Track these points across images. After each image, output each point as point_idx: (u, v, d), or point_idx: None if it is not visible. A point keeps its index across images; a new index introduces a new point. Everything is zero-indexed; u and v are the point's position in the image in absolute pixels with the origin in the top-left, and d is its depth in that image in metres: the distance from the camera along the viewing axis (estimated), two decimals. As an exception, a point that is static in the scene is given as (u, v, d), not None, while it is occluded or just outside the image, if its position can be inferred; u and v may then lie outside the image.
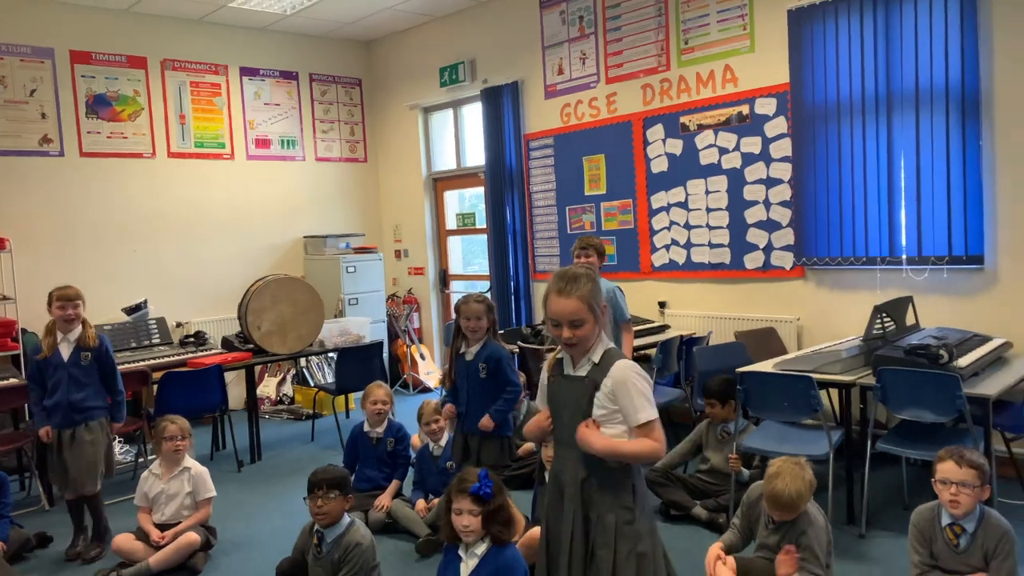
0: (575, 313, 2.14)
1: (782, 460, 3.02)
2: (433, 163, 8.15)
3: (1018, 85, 4.28)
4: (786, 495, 2.90)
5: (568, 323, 2.15)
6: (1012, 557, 2.71)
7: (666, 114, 5.88)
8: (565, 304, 2.15)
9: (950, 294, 4.59)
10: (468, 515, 2.65)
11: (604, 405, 2.14)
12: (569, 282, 2.16)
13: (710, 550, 3.09)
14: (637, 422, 2.11)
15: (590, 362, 2.19)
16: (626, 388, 2.12)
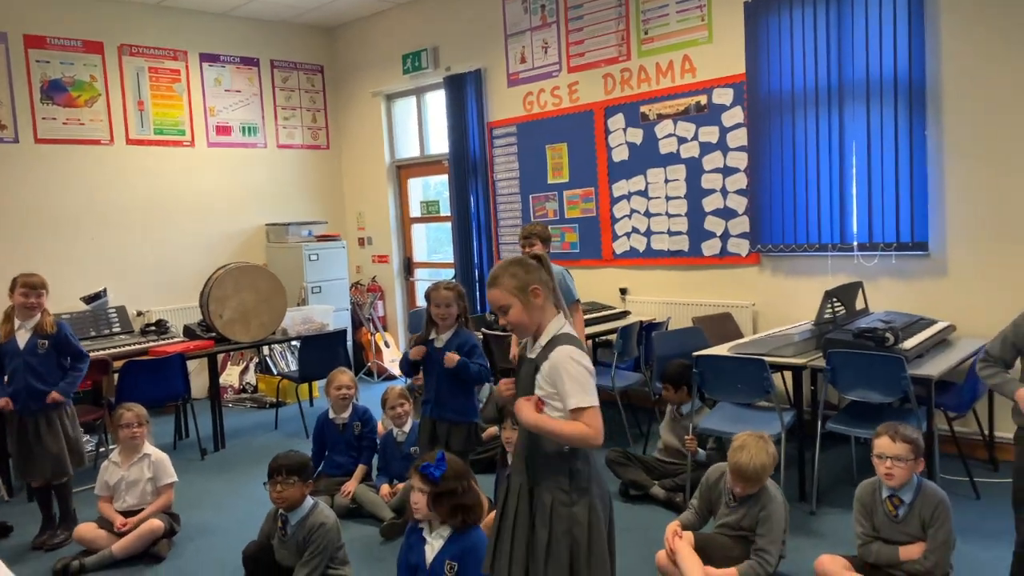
0: (499, 300, 2.26)
1: (746, 434, 3.15)
2: (396, 150, 8.15)
3: (961, 78, 4.43)
4: (751, 467, 3.04)
5: (499, 309, 2.28)
6: (946, 526, 2.86)
7: (627, 103, 5.97)
8: (491, 294, 2.28)
9: (898, 279, 4.76)
10: (417, 492, 2.73)
11: (543, 387, 2.19)
12: (495, 274, 2.29)
13: (668, 527, 3.19)
14: (569, 407, 2.12)
15: (539, 345, 2.26)
16: (559, 373, 2.14)
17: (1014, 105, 4.28)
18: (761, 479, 3.09)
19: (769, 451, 3.09)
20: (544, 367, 2.17)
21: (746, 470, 3.05)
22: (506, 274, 2.25)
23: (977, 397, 4.06)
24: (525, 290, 2.22)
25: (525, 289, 2.22)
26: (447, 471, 2.72)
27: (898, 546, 2.90)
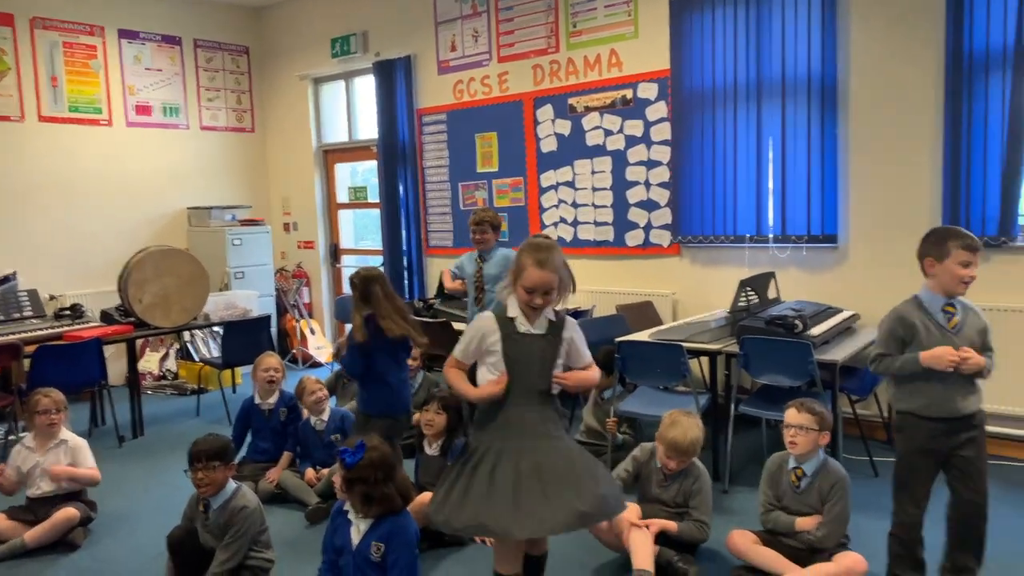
0: (551, 283, 2.44)
1: (676, 412, 3.31)
2: (324, 135, 8.06)
3: (869, 79, 4.69)
4: (686, 441, 3.21)
5: (543, 292, 2.43)
6: (843, 501, 3.05)
7: (555, 95, 6.07)
8: (543, 276, 2.43)
9: (808, 270, 5.00)
10: (337, 475, 2.77)
11: (562, 356, 2.54)
12: (547, 259, 2.43)
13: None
14: (588, 360, 2.61)
15: (546, 320, 2.51)
16: (577, 338, 2.58)
17: (910, 105, 4.54)
18: (695, 451, 3.26)
19: (699, 425, 3.29)
20: (566, 338, 2.53)
21: (681, 444, 3.22)
22: (557, 259, 2.45)
23: (878, 381, 4.32)
24: (565, 276, 2.50)
25: (566, 272, 2.50)
26: (363, 459, 2.72)
27: (795, 517, 3.08)
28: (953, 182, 4.38)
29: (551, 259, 2.43)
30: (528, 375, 2.50)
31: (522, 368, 2.50)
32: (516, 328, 2.50)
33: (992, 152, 4.27)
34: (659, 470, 3.35)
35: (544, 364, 2.50)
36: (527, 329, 2.50)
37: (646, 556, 3.05)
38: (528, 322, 2.50)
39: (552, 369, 2.51)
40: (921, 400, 2.77)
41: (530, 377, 2.50)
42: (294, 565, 3.40)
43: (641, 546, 3.09)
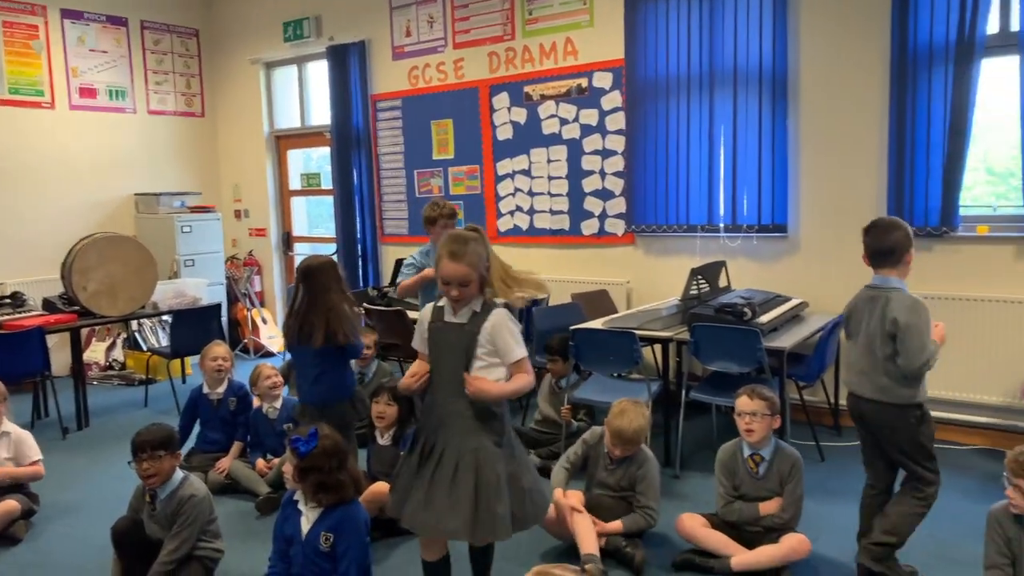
0: (465, 276, 2.40)
1: (624, 400, 3.34)
2: (276, 120, 7.92)
3: (819, 72, 4.77)
4: (631, 431, 3.24)
5: (457, 284, 2.41)
6: (802, 480, 3.14)
7: (511, 83, 6.05)
8: (456, 269, 2.40)
9: (758, 259, 5.09)
10: (288, 463, 2.75)
11: (484, 346, 2.44)
12: (459, 250, 2.40)
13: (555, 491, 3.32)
14: (513, 359, 2.46)
15: (471, 311, 2.47)
16: (502, 331, 2.44)
17: (857, 98, 4.64)
18: (640, 441, 3.29)
19: (645, 415, 3.32)
20: (486, 328, 2.43)
21: (626, 433, 3.25)
22: (470, 250, 2.40)
23: (824, 368, 4.42)
24: (484, 265, 2.44)
25: (484, 265, 2.44)
26: (316, 448, 2.70)
27: (758, 503, 3.14)
28: (897, 174, 4.49)
29: (465, 251, 2.40)
30: (447, 366, 2.48)
31: (442, 358, 2.50)
32: (442, 317, 2.51)
33: (935, 144, 4.39)
34: (606, 455, 3.38)
35: (457, 354, 2.45)
36: (450, 319, 2.49)
37: (591, 541, 3.08)
38: (453, 312, 2.49)
39: (469, 361, 2.44)
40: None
41: (448, 368, 2.47)
42: (244, 555, 3.36)
43: (586, 532, 3.12)
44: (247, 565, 3.26)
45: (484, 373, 2.44)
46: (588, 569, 1.70)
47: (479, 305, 2.47)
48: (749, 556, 3.04)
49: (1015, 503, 2.45)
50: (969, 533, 2.94)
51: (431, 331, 2.53)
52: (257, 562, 3.21)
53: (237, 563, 3.28)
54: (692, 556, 3.14)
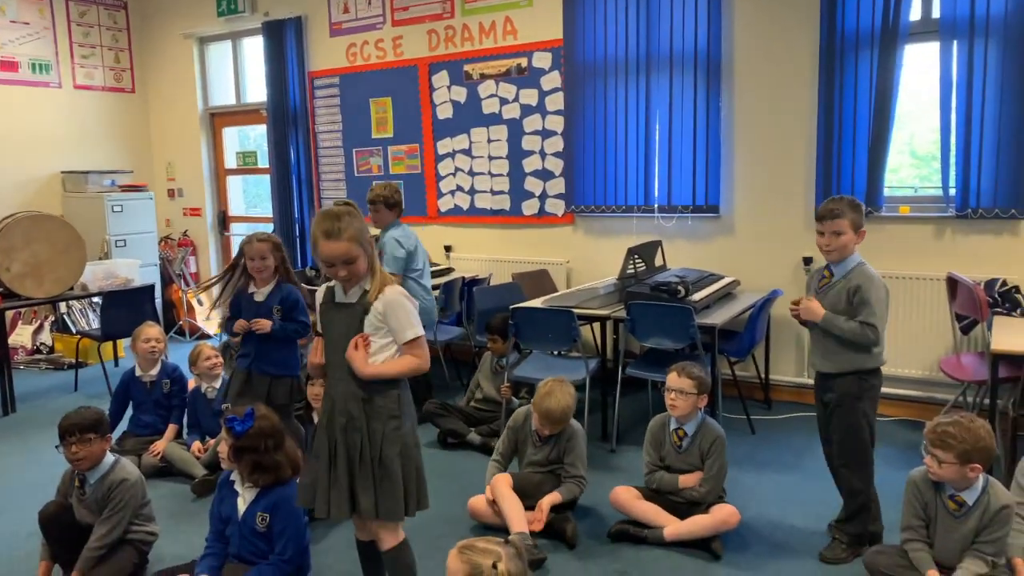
0: (347, 253, 2.27)
1: (550, 380, 3.38)
2: (210, 97, 7.72)
3: (751, 56, 4.87)
4: (558, 410, 3.28)
5: (342, 263, 2.28)
6: (722, 457, 3.24)
7: (451, 61, 6.02)
8: (336, 247, 2.26)
9: (693, 239, 5.20)
10: (224, 443, 2.73)
11: (375, 326, 2.33)
12: (334, 228, 2.26)
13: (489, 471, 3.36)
14: (405, 339, 2.34)
15: (362, 289, 2.36)
16: (394, 310, 2.33)
17: (788, 82, 4.76)
18: (567, 418, 3.34)
19: (571, 393, 3.36)
20: (377, 307, 2.32)
21: (555, 413, 3.29)
22: (349, 227, 2.27)
23: (755, 344, 4.55)
24: (367, 240, 2.31)
25: (367, 239, 2.31)
26: (252, 427, 2.69)
27: (678, 475, 3.25)
28: (825, 156, 4.63)
29: (341, 228, 2.26)
30: (334, 346, 2.39)
31: (332, 339, 2.40)
32: (334, 297, 2.41)
33: (861, 128, 4.53)
34: (534, 433, 3.43)
35: (347, 336, 2.33)
36: (340, 299, 2.40)
37: (520, 520, 3.12)
38: (344, 292, 2.39)
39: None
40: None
41: (338, 347, 2.36)
42: (180, 538, 3.32)
43: (513, 512, 3.15)
44: (182, 547, 3.23)
45: (380, 353, 2.34)
46: (511, 539, 1.74)
47: (368, 283, 2.36)
48: (681, 526, 3.14)
49: (933, 471, 2.58)
50: (890, 498, 3.09)
51: (321, 312, 2.44)
52: (193, 544, 3.18)
53: (172, 546, 3.24)
54: (626, 526, 3.23)
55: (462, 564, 1.65)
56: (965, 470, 2.51)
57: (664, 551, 3.13)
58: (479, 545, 1.68)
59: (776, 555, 3.10)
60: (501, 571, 1.62)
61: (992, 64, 4.18)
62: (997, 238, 4.32)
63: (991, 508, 2.56)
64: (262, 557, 2.70)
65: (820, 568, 2.99)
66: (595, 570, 3.03)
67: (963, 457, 2.49)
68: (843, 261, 2.94)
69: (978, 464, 2.52)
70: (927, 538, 2.67)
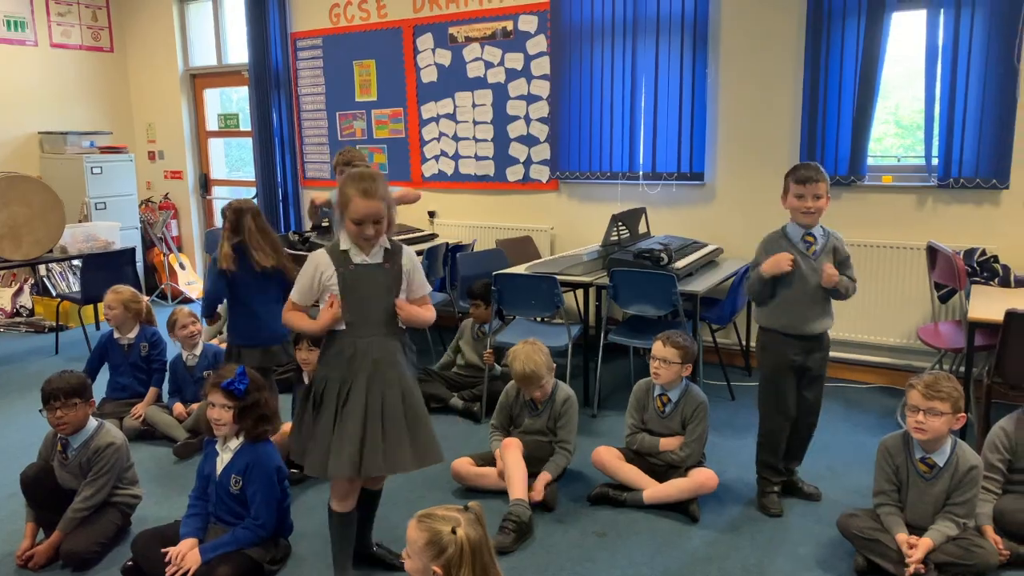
0: (379, 213, 2.38)
1: (516, 346, 3.39)
2: (191, 58, 7.58)
3: (738, 21, 4.83)
4: (527, 370, 3.29)
5: (372, 221, 2.38)
6: (704, 423, 3.28)
7: (435, 23, 5.93)
8: (370, 205, 2.36)
9: (677, 206, 5.20)
10: (220, 409, 2.71)
11: (402, 286, 2.50)
12: (373, 188, 2.36)
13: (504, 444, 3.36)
14: (425, 292, 2.58)
15: (383, 249, 2.48)
16: (416, 267, 2.56)
17: (774, 48, 4.73)
18: (542, 375, 3.32)
19: (542, 351, 3.35)
20: (406, 265, 2.50)
21: (524, 373, 3.30)
22: (382, 187, 2.39)
23: (736, 311, 4.58)
24: (392, 203, 2.43)
25: (392, 202, 2.43)
26: (250, 384, 2.73)
27: (659, 438, 3.29)
28: (810, 123, 4.63)
29: (376, 188, 2.36)
30: (369, 305, 2.46)
31: (362, 299, 2.45)
32: (351, 260, 2.45)
33: (846, 96, 4.52)
34: (528, 402, 3.45)
35: (385, 293, 2.47)
36: (363, 259, 2.45)
37: (522, 486, 3.13)
38: (364, 253, 2.46)
39: (394, 298, 2.48)
40: (784, 319, 3.07)
41: (371, 307, 2.46)
42: (162, 501, 3.34)
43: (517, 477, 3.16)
44: (164, 509, 3.24)
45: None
46: (471, 505, 1.76)
47: (387, 242, 2.49)
48: (660, 489, 3.19)
49: (924, 427, 2.59)
50: (866, 464, 3.15)
51: (343, 277, 2.45)
52: (175, 506, 3.20)
53: (154, 507, 3.25)
54: (606, 490, 3.27)
55: (422, 532, 1.67)
56: (954, 420, 2.59)
57: (643, 513, 3.18)
58: (438, 513, 1.70)
59: (752, 518, 3.15)
60: (460, 536, 1.64)
61: (977, 34, 4.17)
62: (978, 208, 4.35)
63: (960, 469, 2.62)
64: (238, 518, 2.74)
65: (794, 530, 3.05)
66: (574, 532, 3.07)
67: (955, 406, 2.58)
68: (818, 224, 3.06)
69: (963, 414, 2.62)
70: (898, 502, 2.73)
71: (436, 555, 1.65)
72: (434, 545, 1.65)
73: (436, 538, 1.65)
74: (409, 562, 1.71)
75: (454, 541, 1.64)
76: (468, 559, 1.64)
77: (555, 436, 3.40)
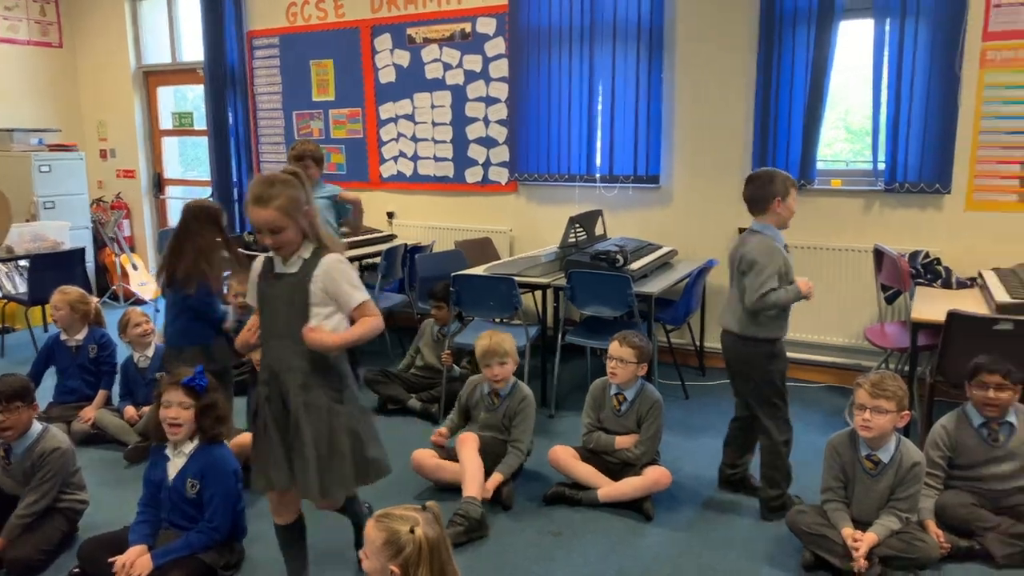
0: (274, 222, 2.21)
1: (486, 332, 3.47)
2: (144, 55, 7.44)
3: (693, 27, 4.90)
4: (492, 341, 3.36)
5: (268, 231, 2.23)
6: (658, 421, 3.33)
7: (393, 24, 5.92)
8: (262, 215, 2.21)
9: (633, 209, 5.26)
10: (178, 407, 2.67)
11: (317, 295, 2.28)
12: (263, 194, 2.21)
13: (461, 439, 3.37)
14: (353, 305, 2.30)
15: (301, 259, 2.30)
16: (335, 278, 2.28)
17: (728, 54, 4.81)
18: (505, 350, 3.38)
19: (507, 335, 3.43)
20: (317, 277, 2.26)
21: (487, 346, 3.37)
22: (281, 195, 2.21)
23: (691, 312, 4.65)
24: (300, 211, 2.24)
25: (300, 210, 2.25)
26: (209, 383, 2.70)
27: (615, 436, 3.33)
28: (762, 129, 4.72)
29: (271, 195, 2.20)
30: (277, 318, 2.32)
31: (272, 310, 2.33)
32: (272, 269, 2.34)
33: (797, 101, 4.63)
34: (487, 396, 3.47)
35: (292, 306, 2.28)
36: (280, 269, 2.31)
37: (476, 483, 3.14)
38: (283, 262, 2.31)
39: (305, 311, 2.27)
40: (784, 327, 3.10)
41: (279, 320, 2.31)
42: (112, 507, 3.27)
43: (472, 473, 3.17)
44: (113, 514, 3.17)
45: (325, 323, 2.29)
46: (428, 505, 1.77)
47: (309, 251, 2.30)
48: (614, 487, 3.23)
49: (870, 425, 2.66)
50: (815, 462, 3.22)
51: (259, 284, 2.36)
52: (125, 511, 3.12)
53: (103, 513, 3.18)
54: (562, 489, 3.30)
55: (380, 532, 1.67)
56: (899, 418, 2.66)
57: (598, 512, 3.21)
58: (396, 513, 1.71)
59: (706, 515, 3.21)
60: (418, 535, 1.65)
61: (921, 43, 4.30)
62: (922, 212, 4.48)
63: (904, 465, 2.70)
64: (193, 523, 2.70)
65: (745, 527, 3.12)
66: (530, 531, 3.09)
67: (900, 405, 2.65)
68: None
69: (908, 412, 2.69)
70: (845, 498, 2.80)
71: (394, 554, 1.65)
72: (392, 544, 1.65)
73: (394, 537, 1.66)
74: (367, 562, 1.71)
75: (412, 540, 1.65)
76: (426, 558, 1.65)
77: (509, 435, 3.42)
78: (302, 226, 2.27)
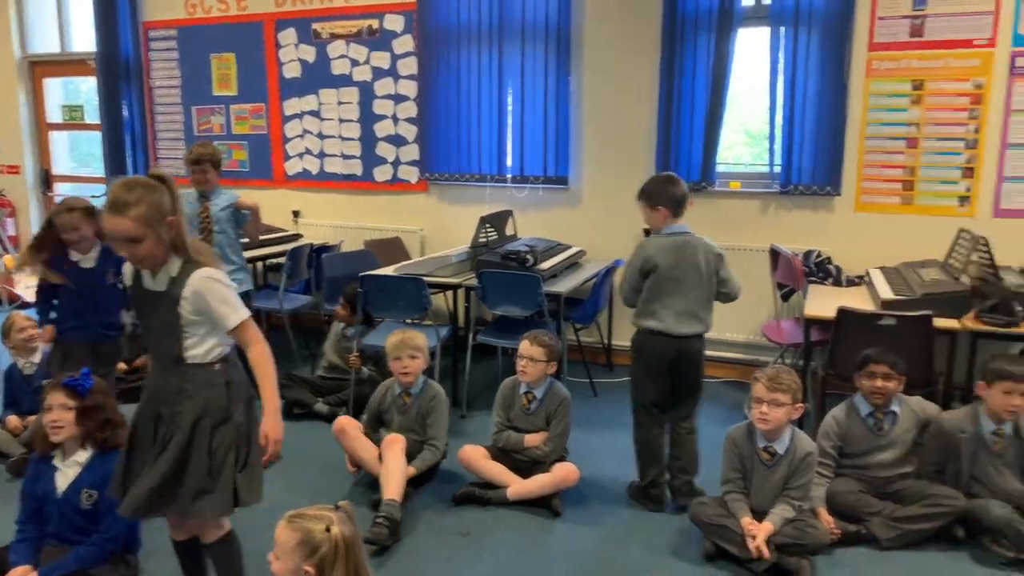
0: (129, 232, 2.00)
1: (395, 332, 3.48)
2: (29, 44, 7.03)
3: (601, 30, 4.99)
4: (404, 334, 3.40)
5: (122, 241, 2.03)
6: (567, 418, 3.38)
7: (298, 19, 5.79)
8: (115, 223, 2.01)
9: (543, 209, 5.32)
10: (60, 410, 2.54)
11: (191, 317, 2.10)
12: (120, 200, 2.00)
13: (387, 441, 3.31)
14: (230, 327, 2.11)
15: (167, 275, 2.10)
16: (205, 298, 2.08)
17: (634, 58, 4.92)
18: (417, 343, 3.40)
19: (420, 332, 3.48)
20: (186, 297, 2.07)
21: (398, 339, 3.39)
22: (141, 203, 2.00)
23: (599, 311, 4.74)
24: (162, 221, 2.03)
25: (162, 220, 2.04)
26: (95, 384, 2.58)
27: (524, 434, 3.36)
28: (665, 133, 4.85)
29: (128, 201, 1.99)
30: (155, 339, 2.17)
31: (145, 326, 2.19)
32: (141, 282, 2.15)
33: (698, 105, 4.78)
34: (398, 397, 3.45)
35: (163, 325, 2.10)
36: (148, 284, 2.13)
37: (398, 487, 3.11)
38: (151, 276, 2.12)
39: (178, 332, 2.09)
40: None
41: (156, 341, 2.17)
42: (-6, 522, 3.08)
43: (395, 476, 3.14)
44: None
45: (200, 346, 2.12)
46: (342, 505, 1.74)
47: (176, 267, 2.08)
48: (523, 485, 3.26)
49: (767, 418, 2.77)
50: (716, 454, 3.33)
51: (132, 295, 2.20)
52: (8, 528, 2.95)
53: (-15, 530, 2.99)
54: (472, 489, 3.31)
55: (293, 532, 1.64)
56: (793, 410, 2.79)
57: (507, 510, 3.23)
58: (310, 512, 1.68)
59: (613, 510, 3.28)
60: (335, 534, 1.63)
61: (813, 52, 4.52)
62: (815, 213, 4.70)
63: (797, 456, 2.83)
64: (85, 535, 2.57)
65: (649, 520, 3.20)
66: (439, 532, 3.09)
67: (795, 397, 2.78)
68: None
69: (802, 404, 2.82)
70: (744, 488, 2.91)
71: (309, 554, 1.62)
72: (307, 544, 1.63)
73: (309, 537, 1.63)
74: (277, 564, 1.67)
75: (328, 539, 1.62)
76: (342, 557, 1.63)
77: (425, 434, 3.41)
78: (165, 238, 2.05)
